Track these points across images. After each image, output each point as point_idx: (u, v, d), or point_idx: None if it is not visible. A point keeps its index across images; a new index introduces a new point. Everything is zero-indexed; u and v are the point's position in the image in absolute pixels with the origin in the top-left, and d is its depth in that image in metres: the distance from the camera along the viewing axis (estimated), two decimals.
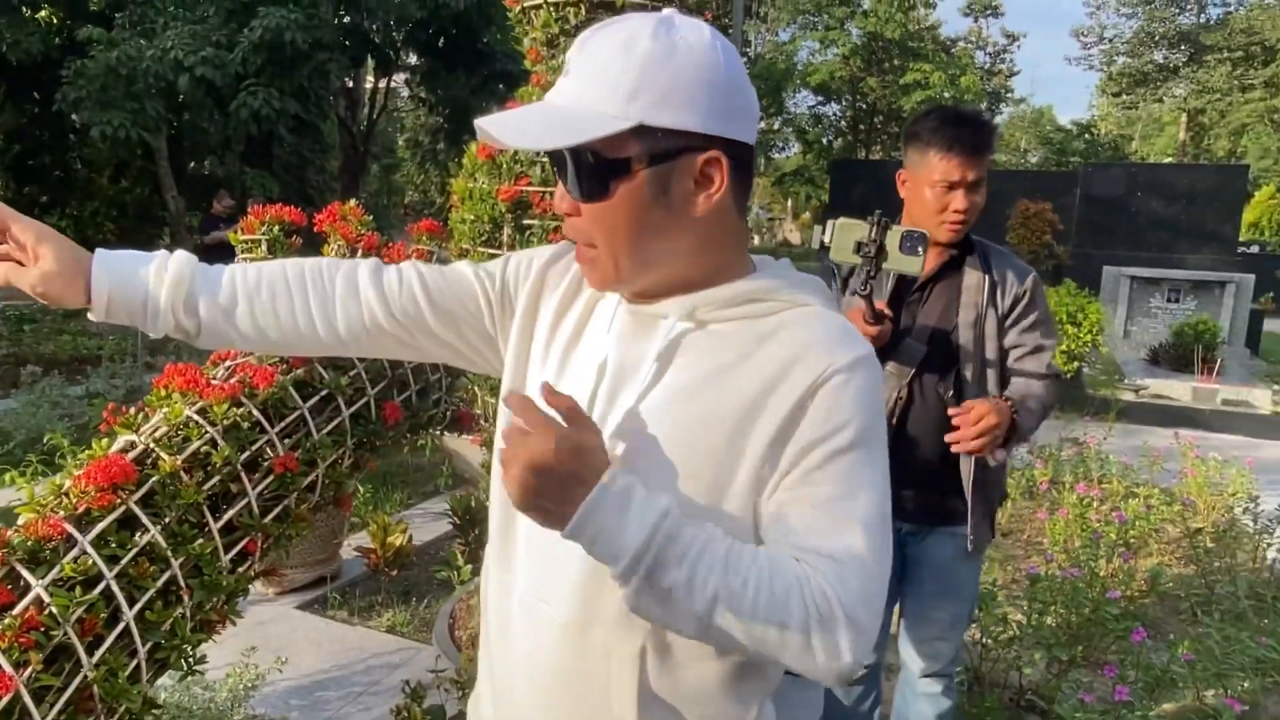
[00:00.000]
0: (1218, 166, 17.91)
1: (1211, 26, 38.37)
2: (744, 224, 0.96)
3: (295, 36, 11.67)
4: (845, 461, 0.87)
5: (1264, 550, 4.28)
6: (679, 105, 0.84)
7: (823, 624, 0.81)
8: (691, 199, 0.89)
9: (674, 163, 0.87)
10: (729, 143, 0.88)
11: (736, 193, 0.92)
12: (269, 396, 1.54)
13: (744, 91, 0.89)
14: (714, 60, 0.86)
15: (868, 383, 0.90)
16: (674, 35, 0.86)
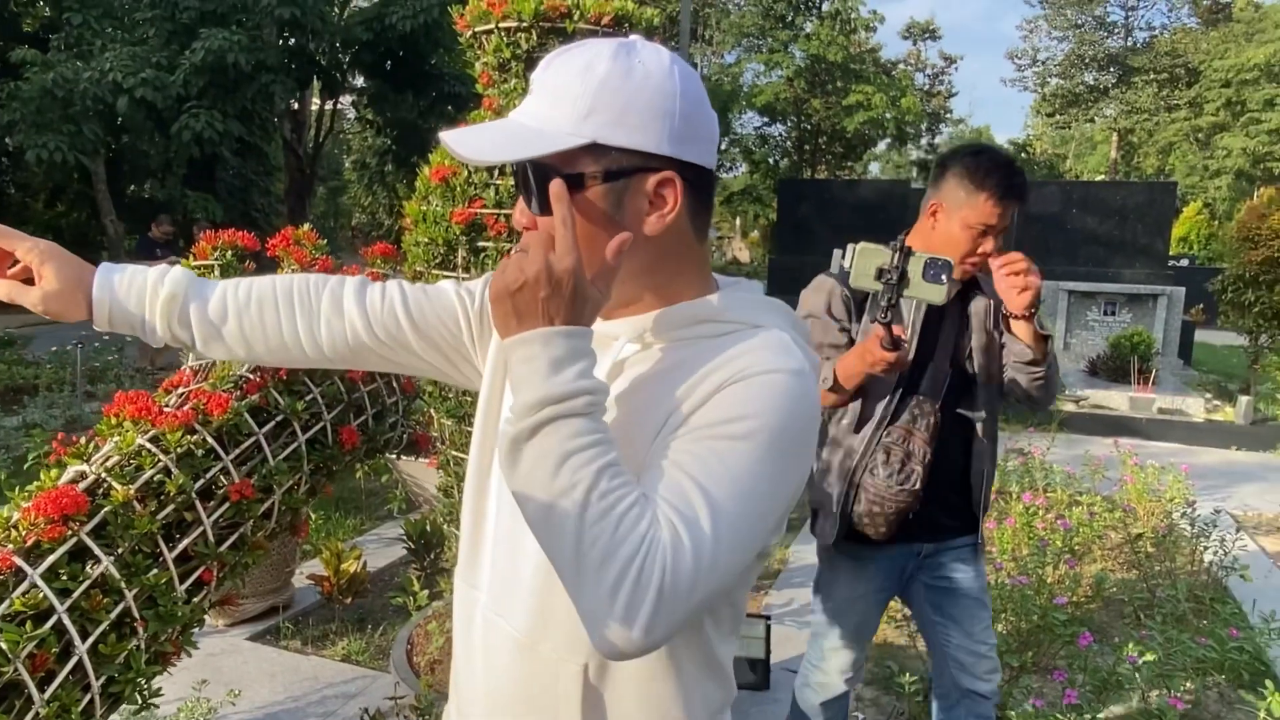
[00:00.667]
0: (1148, 184, 18.60)
1: (1138, 49, 39.92)
2: (702, 246, 0.96)
3: (238, 58, 11.54)
4: (734, 448, 0.83)
5: (1201, 553, 4.43)
6: (633, 125, 0.87)
7: (636, 585, 0.76)
8: (644, 217, 0.89)
9: (628, 181, 0.88)
10: (686, 165, 0.90)
11: (694, 215, 0.93)
12: (223, 423, 1.52)
13: (702, 116, 0.91)
14: (671, 85, 0.88)
15: (790, 390, 0.86)
16: (633, 59, 0.88)
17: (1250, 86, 34.15)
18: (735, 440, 0.83)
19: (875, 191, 15.68)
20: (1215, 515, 4.56)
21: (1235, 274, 8.57)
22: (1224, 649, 3.29)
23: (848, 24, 31.37)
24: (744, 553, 0.84)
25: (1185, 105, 37.98)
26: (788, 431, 0.86)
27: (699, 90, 0.91)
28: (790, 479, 0.87)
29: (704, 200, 0.94)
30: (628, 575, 0.76)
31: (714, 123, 0.93)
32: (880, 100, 29.72)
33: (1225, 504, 5.67)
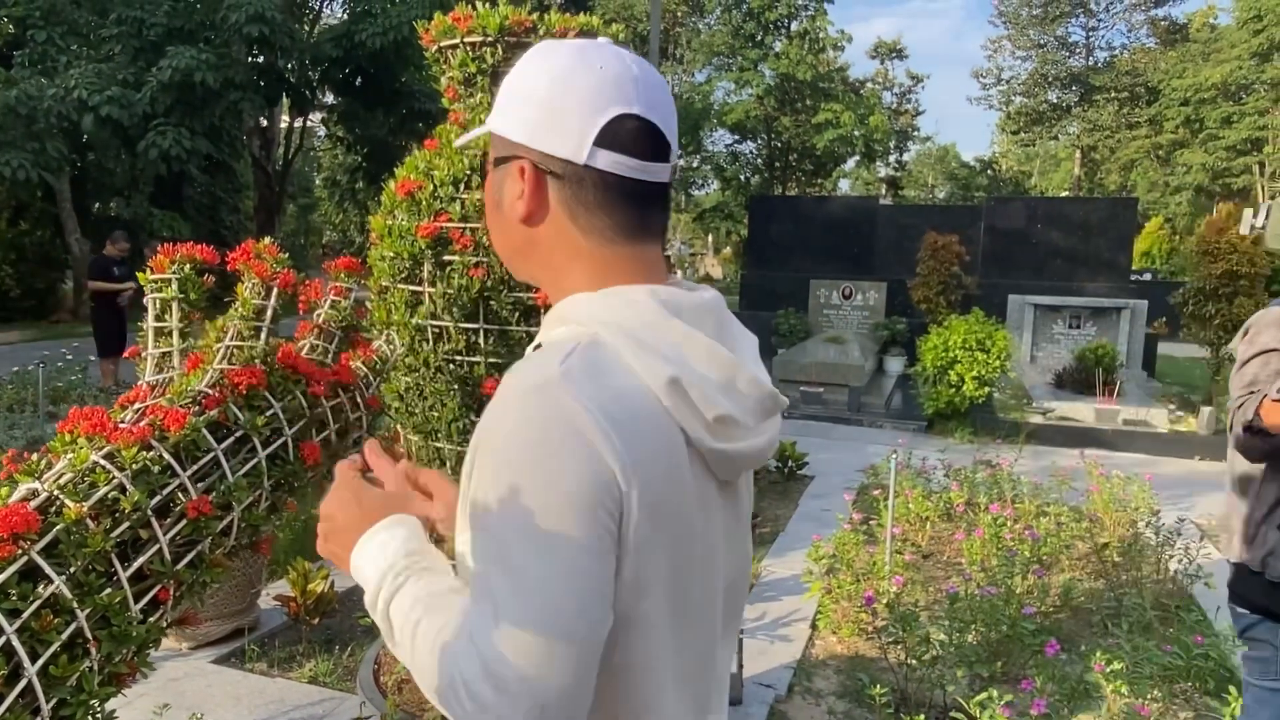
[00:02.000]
0: (1110, 199, 18.95)
1: (1099, 69, 40.76)
2: (595, 246, 0.90)
3: (206, 76, 11.46)
4: (486, 505, 0.79)
5: (1166, 562, 4.48)
6: (502, 112, 0.91)
7: (469, 682, 0.75)
8: (516, 204, 0.90)
9: (505, 166, 0.91)
10: (554, 158, 0.88)
11: (578, 212, 0.90)
12: (181, 439, 1.50)
13: (567, 106, 0.87)
14: (533, 71, 0.90)
15: (512, 398, 0.80)
16: (541, 51, 0.91)
17: (1208, 105, 34.98)
18: (479, 509, 0.80)
19: (845, 208, 15.85)
20: (1180, 524, 4.63)
21: (1196, 287, 8.74)
22: (1189, 656, 3.34)
23: (816, 43, 31.76)
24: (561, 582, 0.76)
25: (1146, 123, 38.82)
26: (529, 440, 0.78)
27: (577, 81, 0.87)
28: (561, 491, 0.77)
29: (593, 200, 0.89)
30: (455, 678, 0.76)
31: (586, 114, 0.87)
32: (849, 118, 30.09)
33: (1189, 513, 5.75)
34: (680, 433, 0.84)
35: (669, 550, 0.84)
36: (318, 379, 1.80)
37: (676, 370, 0.83)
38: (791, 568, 4.50)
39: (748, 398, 0.90)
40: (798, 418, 8.86)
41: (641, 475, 0.80)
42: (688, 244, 36.55)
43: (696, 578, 0.89)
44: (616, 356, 0.84)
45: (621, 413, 0.80)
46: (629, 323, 0.85)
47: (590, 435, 0.77)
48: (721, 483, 0.92)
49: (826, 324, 12.47)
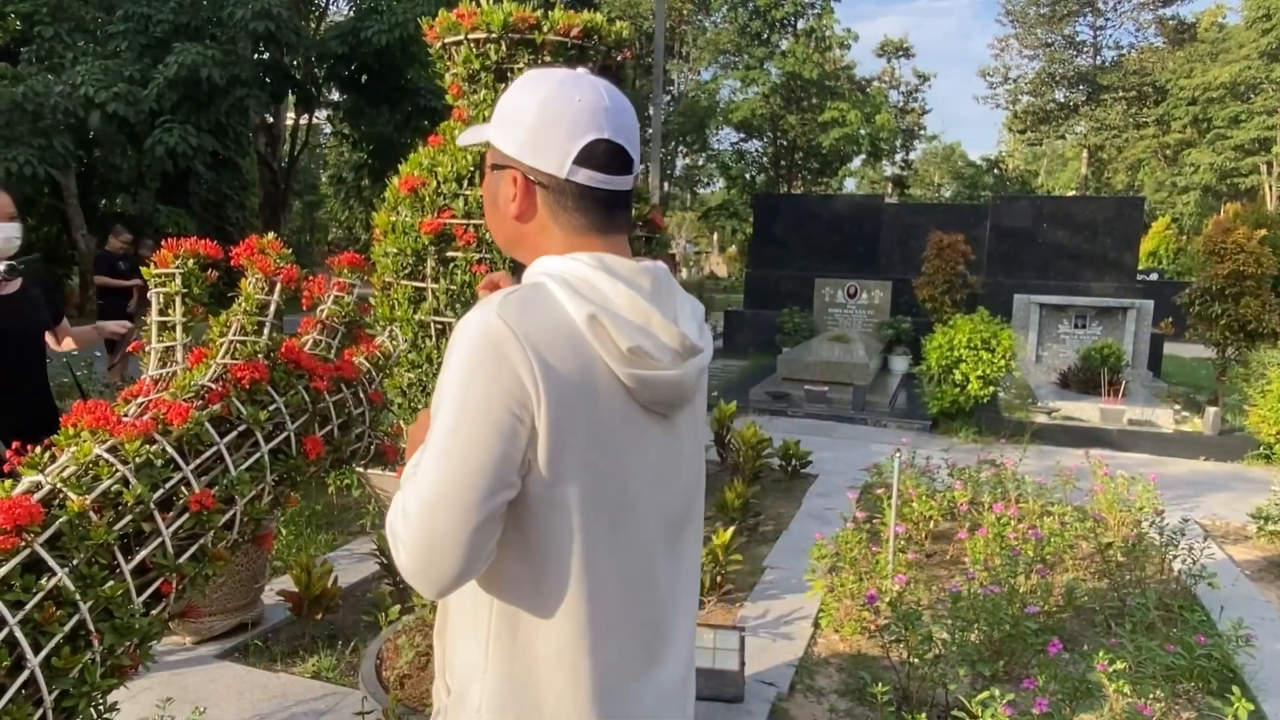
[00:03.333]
0: (1117, 199, 18.89)
1: (1107, 68, 40.63)
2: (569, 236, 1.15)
3: (212, 73, 11.47)
4: (435, 404, 1.06)
5: (1170, 562, 4.47)
6: (500, 128, 1.16)
7: (392, 527, 1.05)
8: (509, 203, 1.16)
9: (501, 172, 1.16)
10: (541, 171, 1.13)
11: (559, 214, 1.14)
12: (184, 433, 1.50)
13: (555, 135, 1.11)
14: (523, 98, 1.13)
15: (454, 340, 1.05)
16: (537, 84, 1.14)
17: (1216, 104, 34.85)
18: (437, 393, 1.06)
19: (850, 206, 15.82)
20: (1184, 524, 4.61)
21: (1202, 287, 8.71)
22: (1192, 656, 3.33)
23: (823, 42, 31.71)
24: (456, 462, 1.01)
25: (1153, 123, 38.69)
26: (453, 382, 1.04)
27: (559, 109, 1.11)
28: (477, 395, 1.02)
29: (571, 205, 1.14)
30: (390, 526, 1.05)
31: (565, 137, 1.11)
32: (855, 117, 30.04)
33: (1193, 514, 5.73)
34: (599, 358, 1.07)
35: (585, 449, 1.06)
36: (320, 374, 1.80)
37: (595, 309, 1.07)
38: (795, 566, 4.50)
39: (657, 339, 1.11)
40: (801, 416, 8.85)
41: (554, 387, 1.03)
42: (693, 242, 36.53)
43: (625, 490, 1.11)
44: (551, 297, 1.08)
45: (540, 337, 1.04)
46: (565, 273, 1.10)
47: (509, 351, 1.02)
48: (658, 417, 1.14)
49: (831, 323, 12.46)
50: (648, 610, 1.15)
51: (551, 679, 1.09)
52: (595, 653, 1.10)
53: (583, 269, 1.11)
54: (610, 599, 1.10)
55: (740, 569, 4.55)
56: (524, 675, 1.10)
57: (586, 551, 1.08)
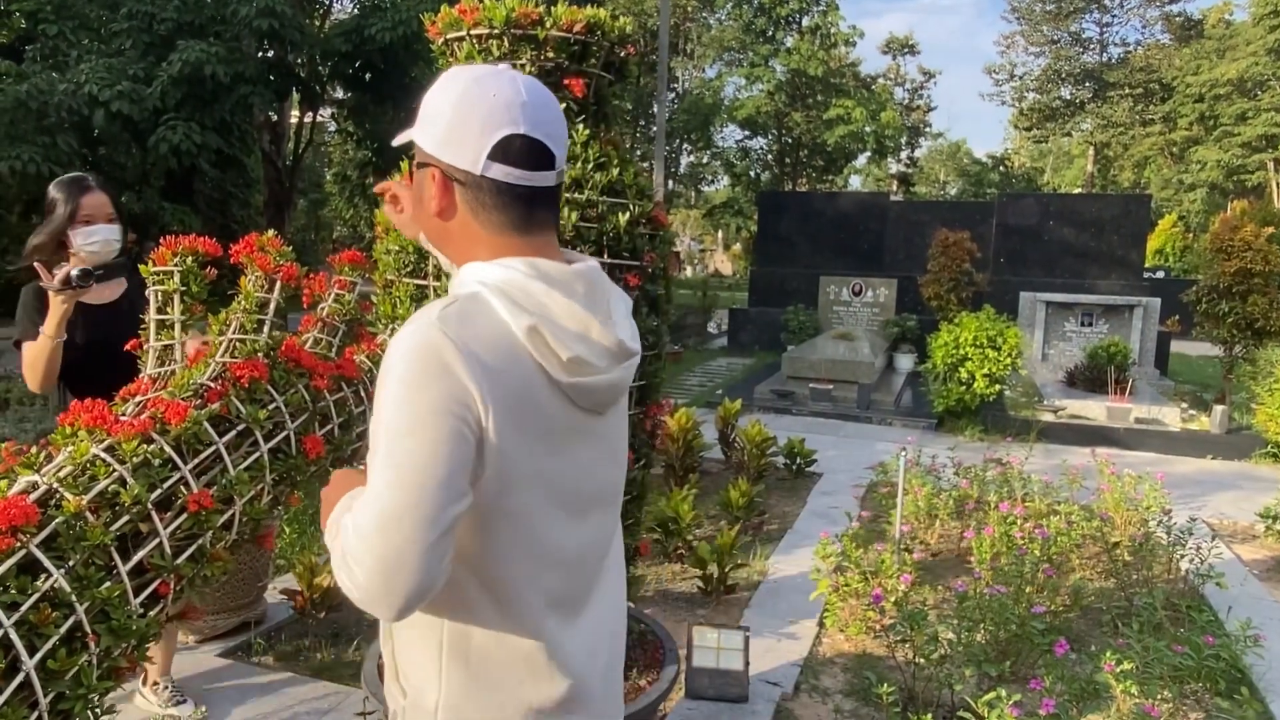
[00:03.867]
0: (1123, 196, 18.80)
1: (1113, 65, 40.46)
2: (491, 235, 1.15)
3: (216, 70, 11.46)
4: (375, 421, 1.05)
5: (1177, 561, 4.44)
6: (420, 126, 1.16)
7: (345, 554, 1.02)
8: (431, 201, 1.15)
9: (424, 170, 1.16)
10: (457, 168, 1.13)
11: (480, 210, 1.14)
12: (182, 432, 1.49)
13: (469, 130, 1.11)
14: (441, 95, 1.14)
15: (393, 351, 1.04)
16: (447, 79, 1.15)
17: (1223, 101, 34.69)
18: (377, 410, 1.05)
19: (855, 204, 15.77)
20: (1191, 524, 4.58)
21: (1209, 285, 8.65)
22: (1200, 657, 3.30)
23: (828, 39, 31.63)
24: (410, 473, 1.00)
25: (1160, 120, 38.52)
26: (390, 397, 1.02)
27: (470, 104, 1.12)
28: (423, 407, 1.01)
29: (489, 202, 1.14)
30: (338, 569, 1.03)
31: (477, 131, 1.11)
32: (860, 114, 29.96)
33: (1201, 513, 5.70)
34: (539, 369, 1.09)
35: (534, 457, 1.09)
36: (321, 373, 1.78)
37: (535, 320, 1.08)
38: (799, 565, 4.48)
39: (597, 345, 1.12)
40: (806, 414, 8.83)
41: (497, 397, 1.04)
42: (697, 240, 36.48)
43: (576, 483, 1.16)
44: (489, 308, 1.08)
45: (481, 348, 1.04)
46: (502, 283, 1.10)
47: (451, 363, 1.01)
48: (593, 415, 1.17)
49: (836, 320, 12.42)
50: (587, 586, 1.22)
51: (507, 676, 1.14)
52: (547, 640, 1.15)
53: (518, 278, 1.11)
54: (557, 589, 1.16)
55: (745, 568, 4.53)
56: (481, 676, 1.13)
57: (536, 552, 1.12)
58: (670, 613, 4.00)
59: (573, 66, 2.44)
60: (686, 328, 15.45)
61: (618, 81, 2.64)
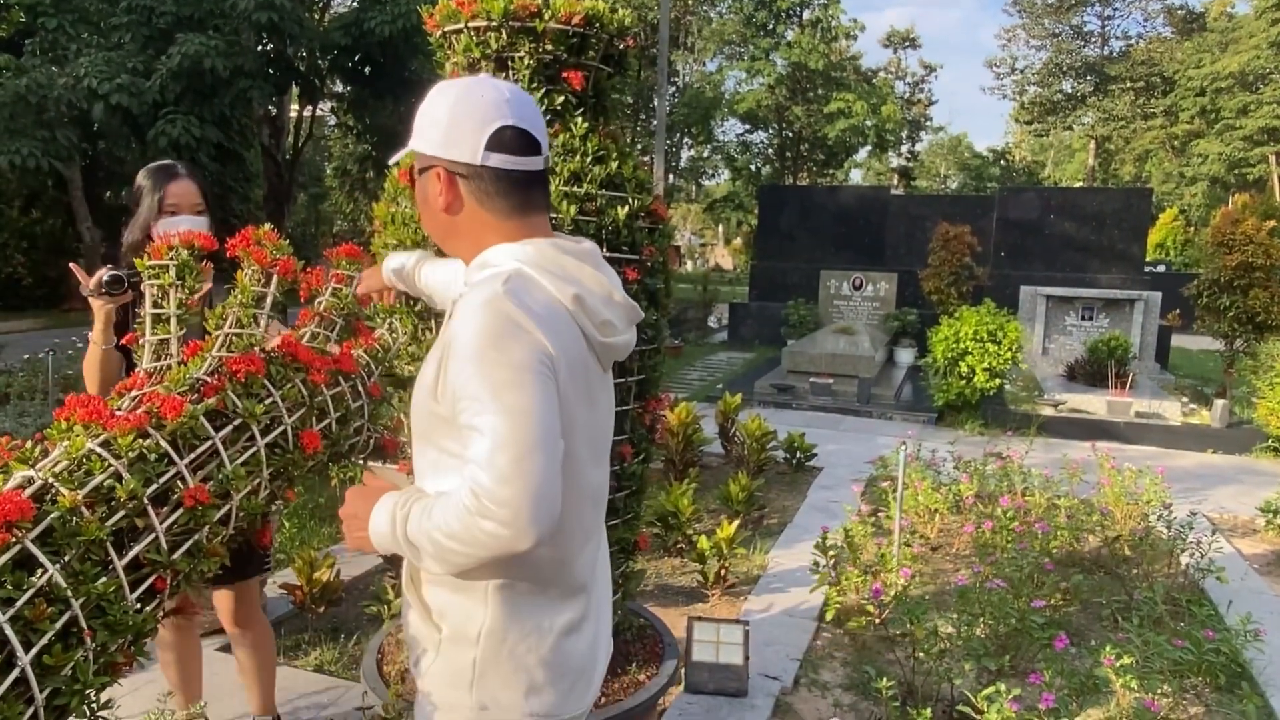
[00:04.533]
0: (1124, 190, 18.75)
1: (1115, 58, 40.35)
2: (510, 222, 1.31)
3: (215, 63, 11.42)
4: (464, 395, 1.16)
5: (1178, 556, 4.44)
6: (419, 135, 1.31)
7: (473, 512, 1.12)
8: (438, 199, 1.31)
9: (426, 174, 1.32)
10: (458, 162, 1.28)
11: (484, 198, 1.30)
12: (178, 427, 1.48)
13: (464, 127, 1.27)
14: (435, 104, 1.30)
15: (471, 311, 1.17)
16: (439, 90, 1.30)
17: (1225, 94, 34.59)
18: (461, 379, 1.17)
19: (856, 198, 15.74)
20: (1192, 518, 4.57)
21: (1210, 279, 8.64)
22: (1201, 651, 3.30)
23: (829, 32, 31.54)
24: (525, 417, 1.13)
25: (1161, 113, 38.42)
26: (481, 339, 1.15)
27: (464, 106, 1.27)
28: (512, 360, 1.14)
29: (492, 189, 1.29)
30: (468, 517, 1.13)
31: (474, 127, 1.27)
32: (861, 108, 29.89)
33: (1201, 507, 5.70)
34: (581, 331, 1.27)
35: (580, 408, 1.27)
36: (318, 367, 1.78)
37: (577, 289, 1.27)
38: (799, 559, 4.48)
39: (620, 308, 1.33)
40: (806, 409, 8.83)
41: (563, 355, 1.21)
42: (698, 234, 36.44)
43: (600, 431, 1.37)
44: (534, 281, 1.24)
45: (545, 314, 1.21)
46: (539, 261, 1.27)
47: (527, 326, 1.17)
48: (604, 371, 1.37)
49: (837, 314, 12.41)
50: (600, 520, 1.42)
51: (542, 600, 1.31)
52: (577, 566, 1.34)
53: (550, 253, 1.28)
54: (588, 522, 1.36)
55: (745, 562, 4.53)
56: (522, 603, 1.29)
57: (580, 489, 1.30)
58: (670, 607, 4.00)
59: (571, 59, 2.42)
60: (687, 322, 15.44)
61: (617, 74, 2.63)
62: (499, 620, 1.28)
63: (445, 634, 1.31)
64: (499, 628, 1.28)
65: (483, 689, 1.29)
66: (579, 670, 1.36)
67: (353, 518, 1.32)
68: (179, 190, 2.43)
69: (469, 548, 1.14)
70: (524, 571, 1.28)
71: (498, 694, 1.29)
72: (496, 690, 1.29)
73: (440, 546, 1.17)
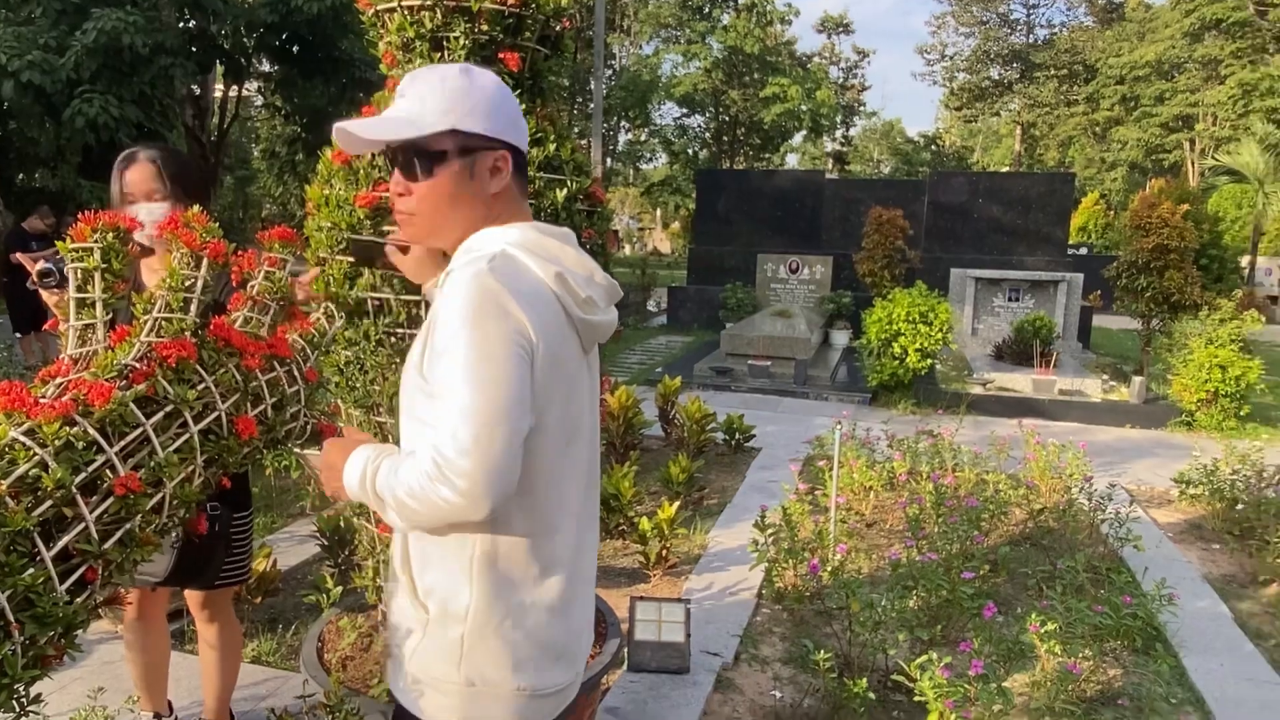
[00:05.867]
0: (1049, 175, 19.31)
1: (1040, 46, 41.47)
2: (524, 205, 1.40)
3: (134, 40, 11.00)
4: (440, 361, 1.21)
5: (1098, 526, 4.63)
6: (480, 116, 1.31)
7: (432, 478, 1.17)
8: (489, 181, 1.34)
9: (476, 155, 1.32)
10: (511, 147, 1.35)
11: (518, 181, 1.38)
12: (106, 414, 1.44)
13: (519, 116, 1.37)
14: (500, 92, 1.34)
15: (459, 293, 1.21)
16: (473, 75, 1.33)
17: (1143, 83, 35.83)
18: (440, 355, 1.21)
19: (792, 182, 15.91)
20: (1111, 490, 4.78)
21: (1129, 261, 8.98)
22: (1119, 616, 3.46)
23: (764, 16, 31.73)
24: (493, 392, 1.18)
25: (1083, 100, 39.64)
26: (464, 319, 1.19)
27: (514, 100, 1.38)
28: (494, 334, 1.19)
29: (524, 171, 1.40)
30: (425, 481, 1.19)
31: (524, 122, 1.38)
32: (796, 93, 30.18)
33: (1120, 479, 5.95)
34: (563, 309, 1.31)
35: (560, 387, 1.30)
36: (252, 352, 1.74)
37: (559, 268, 1.31)
38: (738, 538, 4.55)
39: (601, 286, 1.39)
40: (745, 391, 8.93)
41: (543, 333, 1.25)
42: (635, 218, 36.40)
43: (583, 411, 1.39)
44: (520, 262, 1.29)
45: (528, 293, 1.25)
46: (523, 242, 1.32)
47: (507, 304, 1.21)
48: (586, 352, 1.41)
49: (774, 298, 12.55)
50: (585, 502, 1.44)
51: (526, 577, 1.34)
52: (560, 546, 1.37)
53: (534, 235, 1.34)
54: (569, 502, 1.38)
55: (686, 543, 4.58)
56: (505, 580, 1.32)
57: (553, 470, 1.33)
58: (612, 588, 4.03)
59: (507, 40, 2.41)
60: (626, 306, 15.46)
61: (554, 56, 2.62)
62: (484, 597, 1.32)
63: (433, 613, 1.35)
64: (484, 605, 1.32)
65: (470, 665, 1.32)
66: (563, 646, 1.40)
67: (330, 468, 1.38)
68: (134, 177, 2.33)
69: (426, 509, 1.21)
70: (503, 548, 1.32)
71: (485, 670, 1.33)
72: (484, 666, 1.33)
73: (401, 504, 1.23)
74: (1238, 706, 3.20)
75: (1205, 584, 4.30)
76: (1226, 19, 31.00)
